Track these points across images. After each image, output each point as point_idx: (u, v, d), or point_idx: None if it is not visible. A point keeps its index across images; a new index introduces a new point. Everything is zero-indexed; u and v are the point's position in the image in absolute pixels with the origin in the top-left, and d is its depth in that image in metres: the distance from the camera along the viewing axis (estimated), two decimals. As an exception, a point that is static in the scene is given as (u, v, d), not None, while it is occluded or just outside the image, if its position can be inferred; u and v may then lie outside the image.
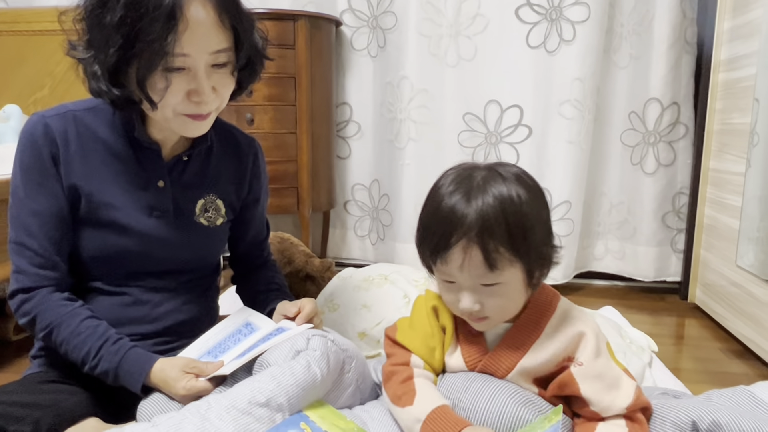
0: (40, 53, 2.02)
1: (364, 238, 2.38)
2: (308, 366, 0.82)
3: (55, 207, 0.92)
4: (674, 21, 1.96)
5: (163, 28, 0.78)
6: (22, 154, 0.91)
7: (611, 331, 1.35)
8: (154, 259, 0.99)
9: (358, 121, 2.30)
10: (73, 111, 0.94)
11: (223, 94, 0.91)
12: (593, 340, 0.81)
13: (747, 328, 1.59)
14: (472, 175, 0.79)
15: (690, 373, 1.44)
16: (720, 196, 1.81)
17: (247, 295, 1.18)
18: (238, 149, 1.09)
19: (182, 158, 1.01)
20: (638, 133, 2.08)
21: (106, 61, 0.82)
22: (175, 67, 0.83)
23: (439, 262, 0.79)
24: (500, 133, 2.09)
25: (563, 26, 1.96)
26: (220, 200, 1.06)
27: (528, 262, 0.78)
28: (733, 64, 1.75)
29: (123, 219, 0.95)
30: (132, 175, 0.96)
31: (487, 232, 0.74)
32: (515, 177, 0.79)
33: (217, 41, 0.85)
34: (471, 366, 0.86)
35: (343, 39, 2.25)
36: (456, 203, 0.76)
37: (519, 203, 0.76)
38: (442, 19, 2.06)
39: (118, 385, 0.90)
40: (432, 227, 0.79)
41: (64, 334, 0.90)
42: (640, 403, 0.80)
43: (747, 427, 0.76)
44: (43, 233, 0.91)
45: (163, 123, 0.91)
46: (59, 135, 0.91)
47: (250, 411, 0.76)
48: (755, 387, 0.85)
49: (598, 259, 2.23)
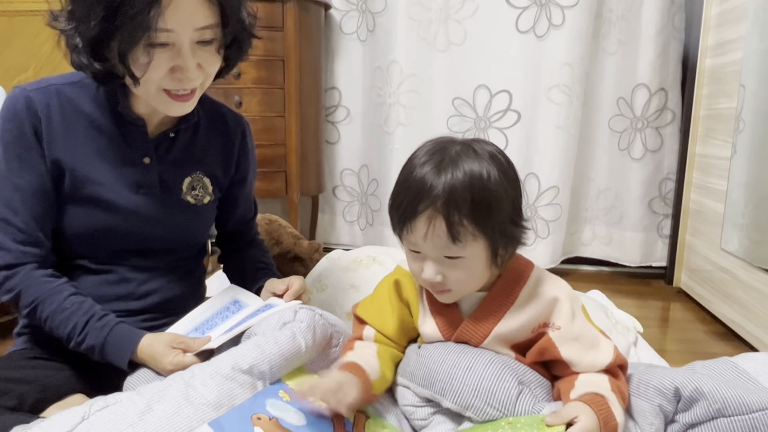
0: (23, 34, 1.99)
1: (353, 224, 2.38)
2: (293, 337, 0.82)
3: (37, 182, 0.90)
4: (662, 7, 1.98)
5: (146, 1, 0.76)
6: (3, 128, 0.90)
7: (597, 311, 1.36)
8: (140, 237, 0.98)
9: (347, 106, 2.29)
10: (55, 85, 0.92)
11: (209, 71, 0.89)
12: (567, 303, 0.83)
13: (731, 310, 1.61)
14: (447, 148, 0.80)
15: (674, 354, 1.46)
16: (706, 181, 1.82)
17: (235, 273, 1.17)
18: (225, 127, 1.08)
19: (169, 135, 0.99)
20: (626, 119, 2.10)
21: (87, 33, 0.80)
22: (159, 42, 0.81)
23: (406, 231, 0.80)
24: (489, 118, 2.09)
25: (553, 11, 1.97)
26: (207, 178, 1.05)
27: (492, 238, 0.78)
28: (720, 49, 1.76)
29: (108, 195, 0.94)
30: (117, 150, 0.95)
31: (452, 204, 0.75)
32: (489, 154, 0.80)
33: (203, 17, 0.83)
34: (446, 335, 0.87)
35: (332, 22, 2.23)
36: (426, 173, 0.78)
37: (487, 179, 0.77)
38: (432, 3, 2.05)
39: (105, 360, 0.89)
40: (401, 195, 0.80)
41: (49, 310, 0.89)
42: (618, 360, 0.81)
43: (729, 395, 0.76)
44: (26, 209, 0.90)
45: (147, 99, 0.89)
46: (41, 109, 0.90)
47: (234, 377, 0.76)
48: (738, 358, 0.86)
49: (585, 245, 2.25)
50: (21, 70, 1.99)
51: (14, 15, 1.99)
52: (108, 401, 0.75)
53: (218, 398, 0.74)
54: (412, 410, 0.85)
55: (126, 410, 0.71)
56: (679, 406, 0.80)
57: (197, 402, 0.72)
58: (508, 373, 0.80)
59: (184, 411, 0.71)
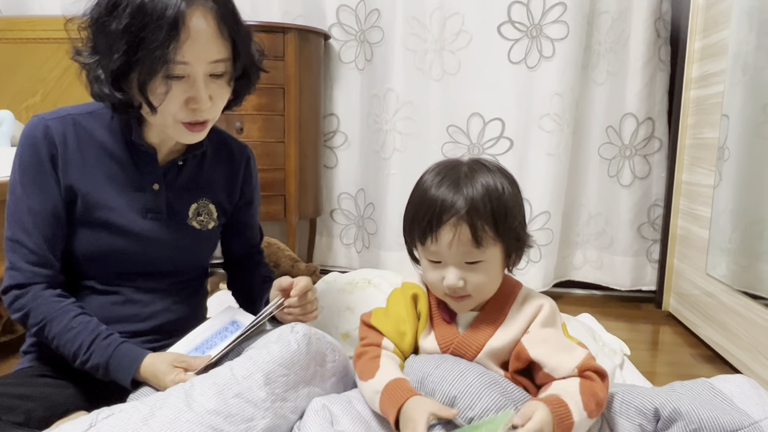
0: (32, 60, 2.05)
1: (350, 246, 2.42)
2: (288, 344, 0.88)
3: (50, 206, 0.94)
4: (649, 40, 2.05)
5: (166, 36, 0.82)
6: (21, 153, 0.95)
7: (585, 334, 1.40)
8: (146, 260, 1.02)
9: (345, 132, 2.35)
10: (72, 115, 0.98)
11: (219, 104, 0.95)
12: (548, 310, 0.90)
13: (716, 334, 1.65)
14: (456, 167, 0.90)
15: (662, 377, 1.50)
16: (692, 207, 1.88)
17: (243, 291, 1.21)
18: (231, 156, 1.13)
19: (177, 163, 1.05)
20: (615, 147, 2.16)
21: (110, 65, 0.86)
22: (175, 74, 0.87)
23: (429, 241, 0.87)
24: (482, 145, 2.15)
25: (543, 43, 2.04)
26: (213, 205, 1.10)
27: (507, 242, 0.88)
28: (704, 81, 1.83)
29: (117, 219, 0.98)
30: (128, 177, 1.00)
31: (475, 213, 0.84)
32: (498, 169, 0.91)
33: (216, 51, 0.89)
34: (444, 348, 0.92)
35: (331, 52, 2.31)
36: (444, 190, 0.86)
37: (502, 191, 0.87)
38: (428, 34, 2.13)
39: (109, 378, 0.93)
40: (422, 211, 0.88)
41: (57, 329, 0.92)
42: (591, 365, 0.85)
43: (705, 416, 0.81)
44: (39, 231, 0.94)
45: (162, 128, 0.95)
46: (58, 137, 0.95)
47: (230, 387, 0.81)
48: (714, 379, 0.91)
49: (577, 269, 2.29)
50: (29, 94, 2.05)
51: (23, 42, 2.06)
52: (113, 410, 0.80)
53: (216, 407, 0.79)
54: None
55: (130, 416, 0.76)
56: (658, 426, 0.84)
57: (198, 409, 0.77)
58: (496, 387, 0.84)
59: (185, 416, 0.76)
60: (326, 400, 0.89)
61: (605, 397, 0.85)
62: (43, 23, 2.07)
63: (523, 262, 0.94)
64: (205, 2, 0.86)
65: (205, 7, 0.86)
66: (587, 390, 0.82)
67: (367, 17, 2.22)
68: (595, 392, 0.83)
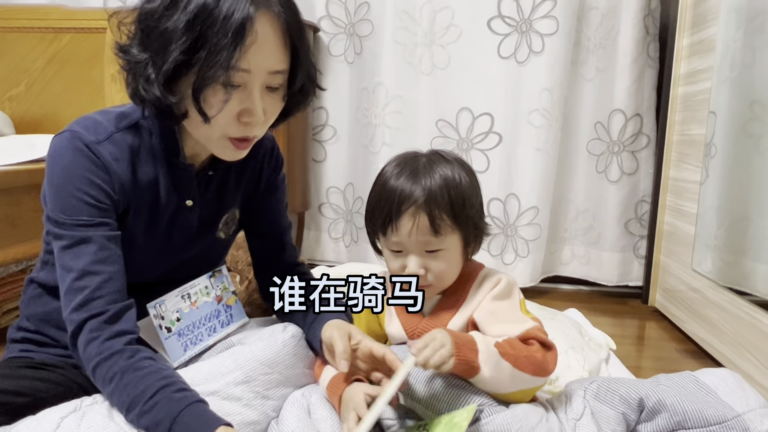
0: (16, 50, 2.02)
1: (338, 241, 2.42)
2: (272, 344, 0.87)
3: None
4: (638, 36, 2.06)
5: (233, 39, 0.75)
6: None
7: (572, 329, 1.41)
8: (165, 271, 0.98)
9: (334, 126, 2.34)
10: (114, 132, 0.87)
11: (270, 120, 0.87)
12: (504, 284, 0.92)
13: (702, 329, 1.67)
14: (415, 158, 0.92)
15: (648, 371, 1.51)
16: (679, 203, 1.89)
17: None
18: (255, 150, 1.02)
19: (208, 173, 0.97)
20: (603, 143, 2.17)
21: (164, 65, 0.77)
22: (235, 83, 0.79)
23: (390, 231, 0.89)
24: (471, 140, 2.15)
25: (533, 38, 2.04)
26: (238, 210, 1.05)
27: (465, 231, 0.91)
28: (691, 78, 1.84)
29: (145, 240, 0.92)
30: (165, 197, 0.92)
31: (433, 202, 0.86)
32: (456, 160, 0.93)
33: (278, 61, 0.81)
34: (410, 333, 0.94)
35: (320, 45, 2.29)
36: (403, 181, 0.88)
37: (459, 181, 0.90)
38: (417, 28, 2.12)
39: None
40: (381, 202, 0.89)
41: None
42: (535, 335, 0.86)
43: (689, 408, 0.82)
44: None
45: (204, 141, 0.87)
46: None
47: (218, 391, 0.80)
48: (699, 373, 0.92)
49: (564, 264, 2.30)
50: (13, 85, 2.02)
51: (7, 31, 2.02)
52: (97, 398, 0.80)
53: None
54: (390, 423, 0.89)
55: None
56: (642, 416, 0.84)
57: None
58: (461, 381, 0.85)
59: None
60: (306, 389, 0.90)
61: (544, 361, 0.84)
62: (28, 12, 2.03)
63: (510, 257, 0.95)
64: (273, 7, 0.79)
65: (272, 12, 0.79)
66: (515, 343, 0.83)
67: (357, 10, 2.20)
68: (526, 349, 0.84)
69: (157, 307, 0.94)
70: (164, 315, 0.95)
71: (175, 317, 0.96)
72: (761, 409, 0.84)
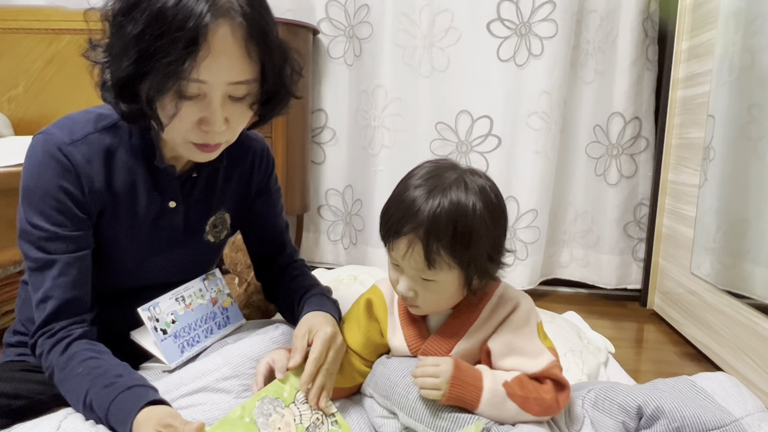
0: (15, 51, 2.02)
1: (337, 243, 2.42)
2: (261, 340, 0.87)
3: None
4: (637, 39, 2.06)
5: (183, 51, 0.72)
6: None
7: (571, 332, 1.41)
8: (155, 275, 0.98)
9: (333, 128, 2.34)
10: (92, 133, 0.87)
11: (236, 127, 0.84)
12: (522, 311, 0.87)
13: (700, 332, 1.67)
14: (442, 175, 0.83)
15: (646, 374, 1.51)
16: (677, 207, 1.89)
17: (281, 306, 1.10)
18: (245, 153, 1.03)
19: (192, 175, 0.96)
20: (602, 146, 2.17)
21: (117, 72, 0.76)
22: (188, 94, 0.77)
23: (389, 246, 0.85)
24: (471, 143, 2.15)
25: (532, 41, 2.04)
26: (228, 213, 1.03)
27: (466, 270, 0.82)
28: (690, 81, 1.84)
29: (129, 243, 0.92)
30: (145, 197, 0.92)
31: (433, 233, 0.78)
32: (479, 189, 0.81)
33: (239, 72, 0.78)
34: (413, 349, 0.91)
35: (320, 47, 2.29)
36: (417, 196, 0.81)
37: (472, 215, 0.79)
38: (417, 30, 2.12)
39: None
40: (391, 210, 0.84)
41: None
42: (550, 373, 0.83)
43: (687, 414, 0.81)
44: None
45: (171, 144, 0.87)
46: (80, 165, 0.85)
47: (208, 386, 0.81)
48: (696, 377, 0.92)
49: (563, 267, 2.30)
50: (12, 86, 2.02)
51: (6, 32, 2.03)
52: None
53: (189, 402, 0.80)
54: (381, 422, 0.88)
55: None
56: (641, 423, 0.84)
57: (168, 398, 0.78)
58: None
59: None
60: None
61: (554, 403, 0.82)
62: (27, 13, 2.04)
63: (509, 260, 0.90)
64: (234, 17, 0.75)
65: (233, 22, 0.75)
66: (525, 383, 0.81)
67: (356, 12, 2.20)
68: (536, 389, 0.81)
69: (151, 309, 0.94)
70: (159, 317, 0.95)
71: (170, 319, 0.96)
72: (759, 413, 0.84)
